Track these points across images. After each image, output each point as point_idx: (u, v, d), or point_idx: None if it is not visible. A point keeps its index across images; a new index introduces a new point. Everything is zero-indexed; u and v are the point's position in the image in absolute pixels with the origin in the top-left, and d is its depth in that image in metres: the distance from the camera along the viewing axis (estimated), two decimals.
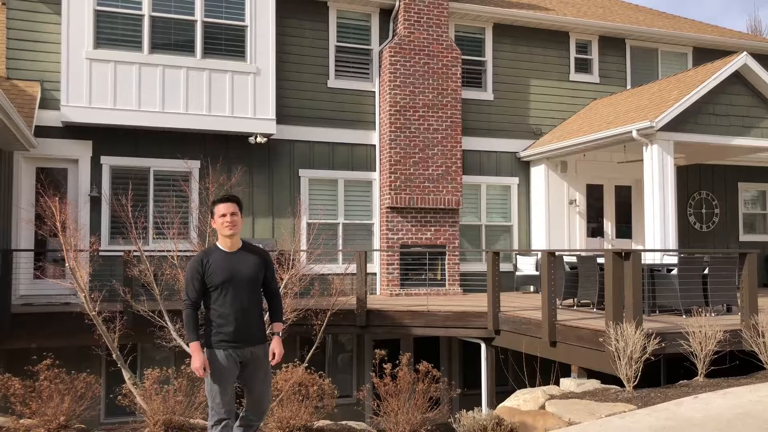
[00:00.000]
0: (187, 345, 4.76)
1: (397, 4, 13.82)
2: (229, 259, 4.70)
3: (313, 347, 8.33)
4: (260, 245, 5.18)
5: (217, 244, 4.79)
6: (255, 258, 4.79)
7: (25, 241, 11.70)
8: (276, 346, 4.82)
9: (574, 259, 11.21)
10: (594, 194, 15.37)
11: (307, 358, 7.95)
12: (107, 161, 12.31)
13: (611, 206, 15.53)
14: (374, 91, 14.06)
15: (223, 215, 4.69)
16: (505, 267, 13.73)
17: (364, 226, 13.99)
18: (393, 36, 13.99)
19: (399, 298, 12.91)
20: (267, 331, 5.05)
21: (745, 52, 12.63)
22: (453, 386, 7.84)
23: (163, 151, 12.55)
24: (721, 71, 12.33)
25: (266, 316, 5.26)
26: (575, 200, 14.95)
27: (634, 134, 11.93)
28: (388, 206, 13.54)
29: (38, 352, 7.19)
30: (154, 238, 11.62)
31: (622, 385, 7.56)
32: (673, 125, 11.97)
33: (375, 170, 14.01)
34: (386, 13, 14.14)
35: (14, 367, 7.75)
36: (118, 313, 7.89)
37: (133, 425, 6.67)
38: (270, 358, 4.79)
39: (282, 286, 7.90)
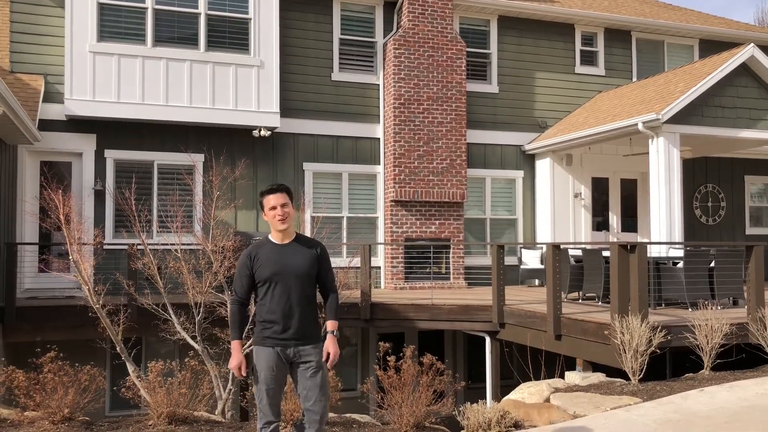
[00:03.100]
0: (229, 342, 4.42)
1: None
2: (279, 251, 4.37)
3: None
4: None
5: (269, 236, 4.47)
6: (309, 251, 4.42)
7: (30, 235, 11.72)
8: (330, 346, 4.36)
9: (579, 253, 11.17)
10: (599, 187, 15.30)
11: None
12: (111, 154, 12.31)
13: (617, 199, 15.47)
14: (378, 84, 14.01)
15: (273, 208, 4.35)
16: (509, 261, 13.73)
17: (368, 220, 13.96)
18: (397, 28, 13.93)
19: (403, 292, 12.89)
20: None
21: (752, 44, 12.52)
22: (457, 379, 7.81)
23: (166, 144, 12.54)
24: (728, 63, 12.24)
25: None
26: (580, 193, 14.88)
27: (640, 127, 11.86)
28: (393, 200, 13.51)
29: (42, 345, 7.18)
30: (157, 232, 11.64)
31: (627, 378, 7.53)
32: (680, 118, 11.89)
33: (379, 163, 13.97)
34: (390, 6, 14.08)
35: (19, 359, 7.76)
36: (122, 306, 7.89)
37: (137, 418, 6.66)
38: (323, 359, 4.35)
39: None
